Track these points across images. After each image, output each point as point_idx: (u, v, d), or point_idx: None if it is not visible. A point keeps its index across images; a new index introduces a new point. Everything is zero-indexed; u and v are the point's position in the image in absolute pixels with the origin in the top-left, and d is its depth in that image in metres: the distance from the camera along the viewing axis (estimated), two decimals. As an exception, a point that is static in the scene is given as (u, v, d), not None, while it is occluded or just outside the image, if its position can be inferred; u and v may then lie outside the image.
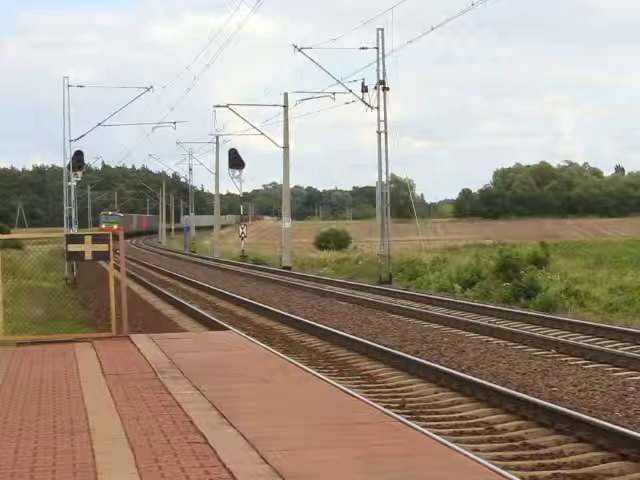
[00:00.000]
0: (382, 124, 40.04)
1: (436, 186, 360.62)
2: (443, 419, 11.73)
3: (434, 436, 8.01)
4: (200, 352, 13.53)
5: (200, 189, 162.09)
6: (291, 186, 61.06)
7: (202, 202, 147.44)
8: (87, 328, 20.05)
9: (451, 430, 11.02)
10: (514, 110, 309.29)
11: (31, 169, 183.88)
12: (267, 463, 6.83)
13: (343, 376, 14.88)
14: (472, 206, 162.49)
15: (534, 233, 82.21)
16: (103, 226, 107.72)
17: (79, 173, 43.57)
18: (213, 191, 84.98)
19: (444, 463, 6.99)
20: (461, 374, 13.91)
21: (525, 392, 12.67)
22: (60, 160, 47.10)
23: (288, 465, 6.75)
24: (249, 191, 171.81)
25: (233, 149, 65.05)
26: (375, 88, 40.05)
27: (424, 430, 8.34)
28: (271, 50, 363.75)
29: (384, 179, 40.79)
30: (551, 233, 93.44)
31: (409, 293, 31.79)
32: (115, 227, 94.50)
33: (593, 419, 10.64)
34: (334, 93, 44.89)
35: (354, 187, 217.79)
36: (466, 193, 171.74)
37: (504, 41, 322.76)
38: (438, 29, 35.49)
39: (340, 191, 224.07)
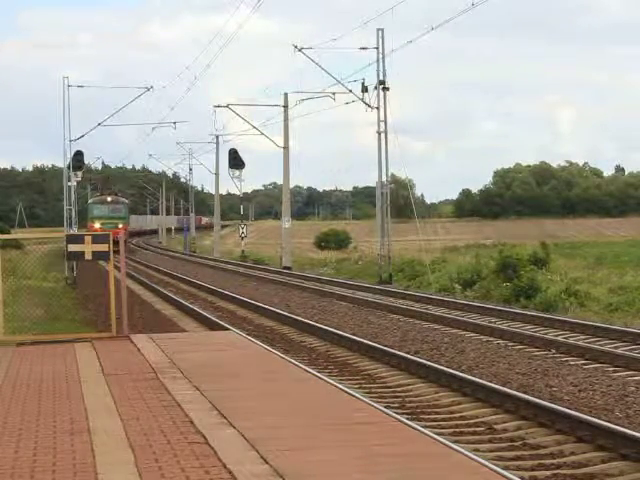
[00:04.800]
0: (382, 124, 40.06)
1: (436, 186, 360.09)
2: (443, 419, 11.73)
3: (434, 436, 8.01)
4: (200, 352, 13.52)
5: (200, 189, 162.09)
6: (291, 186, 61.06)
7: (202, 202, 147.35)
8: (87, 328, 20.04)
9: (451, 430, 11.02)
10: (514, 110, 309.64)
11: (31, 169, 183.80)
12: (267, 463, 6.82)
13: (343, 376, 14.88)
14: (472, 206, 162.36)
15: (534, 233, 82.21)
16: (96, 225, 68.29)
17: (79, 173, 43.59)
18: (213, 191, 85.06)
19: (444, 463, 6.98)
20: (461, 374, 13.91)
21: (525, 392, 12.66)
22: (60, 160, 47.08)
23: (288, 465, 6.75)
24: (249, 191, 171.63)
25: (233, 149, 65.08)
26: (375, 88, 40.07)
27: (424, 430, 8.33)
28: (271, 50, 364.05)
29: (384, 179, 40.80)
30: (551, 233, 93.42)
31: (409, 293, 31.78)
32: (121, 227, 64.55)
33: (593, 419, 10.64)
34: (334, 93, 44.94)
35: (354, 187, 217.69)
36: (466, 193, 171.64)
37: (504, 41, 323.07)
38: (438, 29, 35.52)
39: (340, 191, 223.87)
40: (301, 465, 6.83)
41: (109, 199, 74.36)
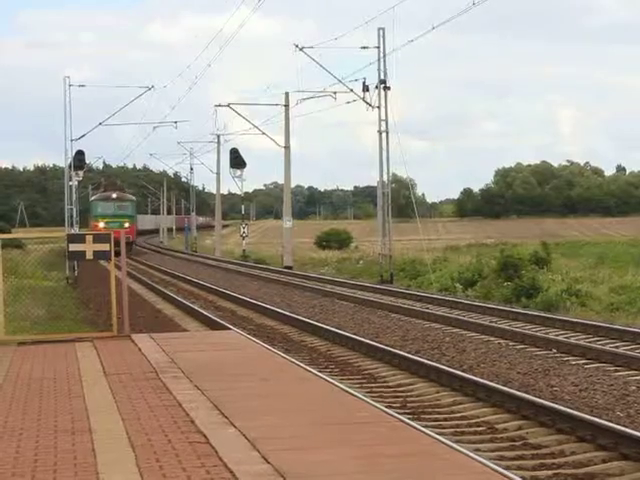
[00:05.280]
0: (383, 123, 40.04)
1: (437, 186, 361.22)
2: (444, 419, 11.72)
3: (435, 436, 8.00)
4: (201, 352, 13.52)
5: (201, 189, 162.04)
6: (292, 185, 61.02)
7: (203, 202, 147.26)
8: (88, 328, 20.04)
9: (452, 430, 11.01)
10: (515, 110, 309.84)
11: (32, 169, 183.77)
12: (268, 463, 6.82)
13: (344, 376, 14.87)
14: (473, 206, 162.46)
15: (535, 233, 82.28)
16: (101, 225, 61.02)
17: (80, 173, 43.68)
18: (214, 191, 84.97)
19: (445, 463, 6.98)
20: (462, 374, 13.90)
21: (526, 392, 12.66)
22: (61, 160, 47.22)
23: (289, 465, 6.75)
24: (250, 191, 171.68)
25: (234, 148, 65.00)
26: (376, 87, 40.07)
27: (425, 430, 8.33)
28: (272, 49, 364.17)
29: (385, 179, 40.83)
30: (552, 233, 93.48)
31: (410, 293, 31.77)
32: (127, 226, 60.22)
33: (594, 419, 10.64)
34: (335, 92, 44.93)
35: (355, 187, 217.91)
36: (467, 193, 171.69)
37: (505, 40, 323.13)
38: (439, 28, 35.56)
39: (341, 191, 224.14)
40: (302, 465, 6.83)
41: (114, 195, 66.17)
